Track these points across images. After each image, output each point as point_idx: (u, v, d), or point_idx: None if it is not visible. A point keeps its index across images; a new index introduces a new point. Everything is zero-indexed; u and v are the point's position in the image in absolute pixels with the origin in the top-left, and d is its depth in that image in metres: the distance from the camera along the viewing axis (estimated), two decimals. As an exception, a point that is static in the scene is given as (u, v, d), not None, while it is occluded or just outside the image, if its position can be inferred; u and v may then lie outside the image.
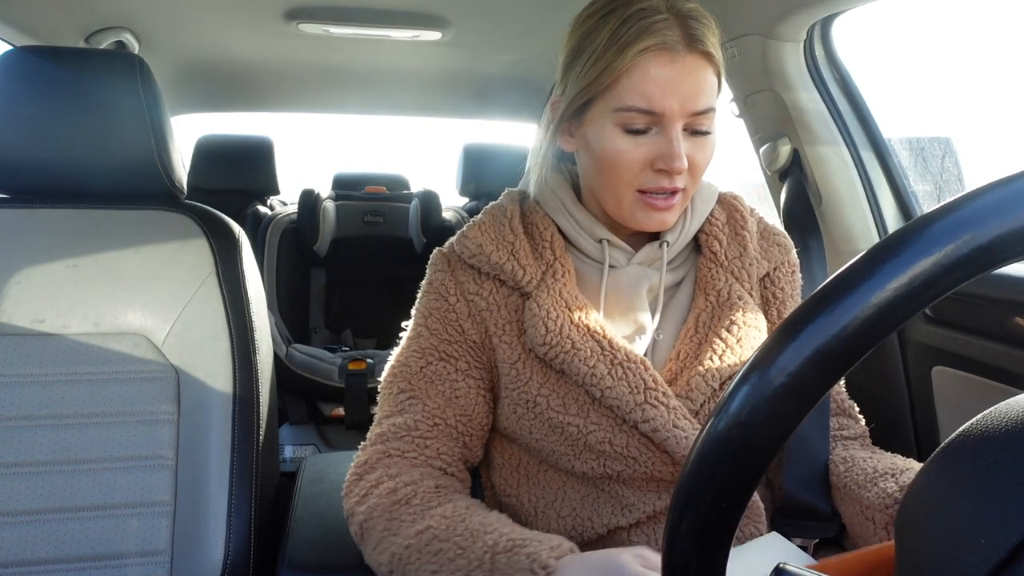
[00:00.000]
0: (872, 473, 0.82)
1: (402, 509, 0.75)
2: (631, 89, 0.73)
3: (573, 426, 0.79)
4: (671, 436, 0.76)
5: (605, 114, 0.75)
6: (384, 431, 0.83)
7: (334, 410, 2.24)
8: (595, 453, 0.79)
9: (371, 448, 0.83)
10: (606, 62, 0.73)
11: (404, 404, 0.84)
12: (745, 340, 0.81)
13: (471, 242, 0.84)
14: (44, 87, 1.04)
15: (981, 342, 1.08)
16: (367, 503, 0.78)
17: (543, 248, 0.84)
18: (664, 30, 0.72)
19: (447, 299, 0.85)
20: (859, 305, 0.30)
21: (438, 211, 2.59)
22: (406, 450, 0.81)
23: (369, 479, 0.80)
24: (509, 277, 0.82)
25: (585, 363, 0.77)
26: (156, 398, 1.02)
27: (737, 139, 1.53)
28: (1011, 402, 0.33)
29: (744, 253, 0.86)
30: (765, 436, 0.32)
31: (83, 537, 0.97)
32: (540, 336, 0.78)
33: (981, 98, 1.71)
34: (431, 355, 0.84)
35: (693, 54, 0.73)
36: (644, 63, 0.72)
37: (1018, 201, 0.29)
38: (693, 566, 0.34)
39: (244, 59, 1.93)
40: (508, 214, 0.86)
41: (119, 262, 1.07)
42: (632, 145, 0.75)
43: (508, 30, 1.67)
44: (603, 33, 0.74)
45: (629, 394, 0.77)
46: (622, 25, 0.73)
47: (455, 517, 0.73)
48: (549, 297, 0.80)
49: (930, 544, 0.32)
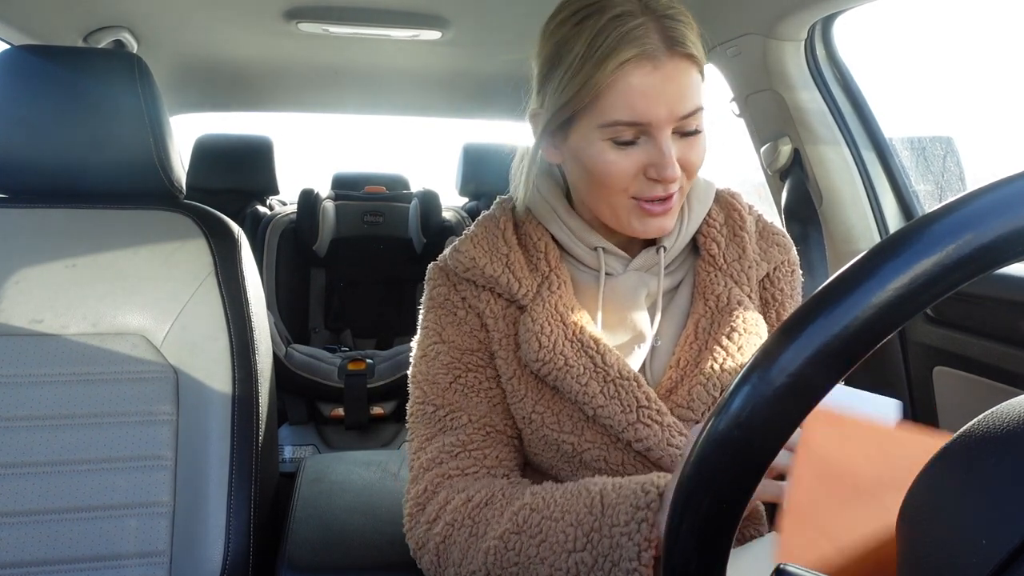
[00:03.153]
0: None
1: (484, 511, 0.73)
2: (614, 103, 0.70)
3: (568, 444, 0.78)
4: (665, 455, 0.75)
5: (590, 129, 0.73)
6: (434, 456, 0.79)
7: (333, 410, 2.24)
8: (591, 470, 0.78)
9: (426, 475, 0.79)
10: (584, 76, 0.70)
11: (444, 421, 0.81)
12: (746, 347, 0.80)
13: (464, 256, 0.82)
14: (42, 86, 1.04)
15: (982, 342, 1.08)
16: (440, 523, 0.75)
17: (538, 259, 0.82)
18: (642, 37, 0.69)
19: (455, 313, 0.83)
20: (860, 305, 0.30)
21: (438, 211, 2.59)
22: (466, 467, 0.78)
23: (435, 503, 0.77)
24: (505, 290, 0.81)
25: (577, 380, 0.76)
26: (155, 398, 1.02)
27: (737, 139, 1.53)
28: (1013, 402, 0.33)
29: (743, 255, 0.84)
30: (765, 436, 0.32)
31: (82, 538, 0.97)
32: (534, 352, 0.77)
33: (983, 97, 1.71)
34: (457, 368, 0.82)
35: (675, 58, 0.70)
36: (625, 75, 0.69)
37: (1020, 201, 0.29)
38: (693, 566, 0.34)
39: (243, 59, 1.93)
40: (501, 225, 0.84)
41: (118, 262, 1.07)
42: (622, 157, 0.72)
43: (508, 30, 1.67)
44: (578, 44, 0.71)
45: (621, 413, 0.75)
46: (597, 36, 0.69)
47: (549, 489, 0.71)
48: (544, 311, 0.78)
49: (932, 544, 0.32)
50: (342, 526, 1.04)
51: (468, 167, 2.69)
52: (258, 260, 1.69)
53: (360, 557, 0.98)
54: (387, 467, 1.23)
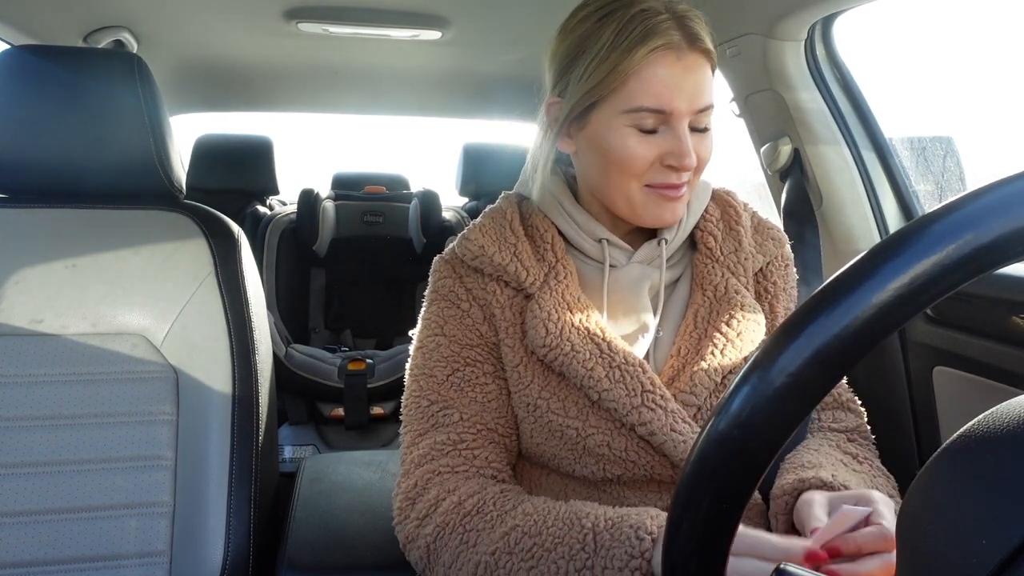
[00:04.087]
0: (790, 465, 0.81)
1: (475, 520, 0.74)
2: (640, 90, 0.74)
3: (572, 429, 0.79)
4: (668, 439, 0.76)
5: (613, 115, 0.76)
6: (426, 451, 0.81)
7: (333, 410, 2.24)
8: (594, 457, 0.79)
9: (417, 470, 0.80)
10: (612, 64, 0.74)
11: (438, 417, 0.82)
12: (745, 334, 0.82)
13: (473, 244, 0.84)
14: (42, 86, 1.04)
15: (982, 342, 1.08)
16: (431, 523, 0.76)
17: (545, 250, 0.84)
18: (668, 30, 0.73)
19: (459, 305, 0.84)
20: (860, 305, 0.30)
21: (438, 211, 2.59)
22: (456, 465, 0.80)
23: (426, 500, 0.78)
24: (512, 278, 0.82)
25: (583, 365, 0.77)
26: (155, 398, 1.02)
27: (737, 139, 1.53)
28: (1012, 402, 0.33)
29: (739, 248, 0.87)
30: (765, 436, 0.32)
31: (81, 538, 0.97)
32: (540, 338, 0.79)
33: (983, 97, 1.71)
34: (456, 362, 0.83)
35: (695, 52, 0.75)
36: (652, 63, 0.73)
37: (1019, 201, 0.29)
38: (693, 566, 0.34)
39: (243, 59, 1.93)
40: (508, 216, 0.86)
41: (118, 262, 1.07)
42: (642, 144, 0.76)
43: (508, 30, 1.67)
44: (605, 35, 0.74)
45: (626, 396, 0.77)
46: (626, 26, 0.74)
47: (541, 512, 0.72)
48: (551, 299, 0.80)
49: (931, 544, 0.32)
50: (342, 526, 1.04)
51: (468, 167, 2.69)
52: (258, 260, 1.70)
53: (360, 557, 0.98)
54: (387, 467, 1.23)
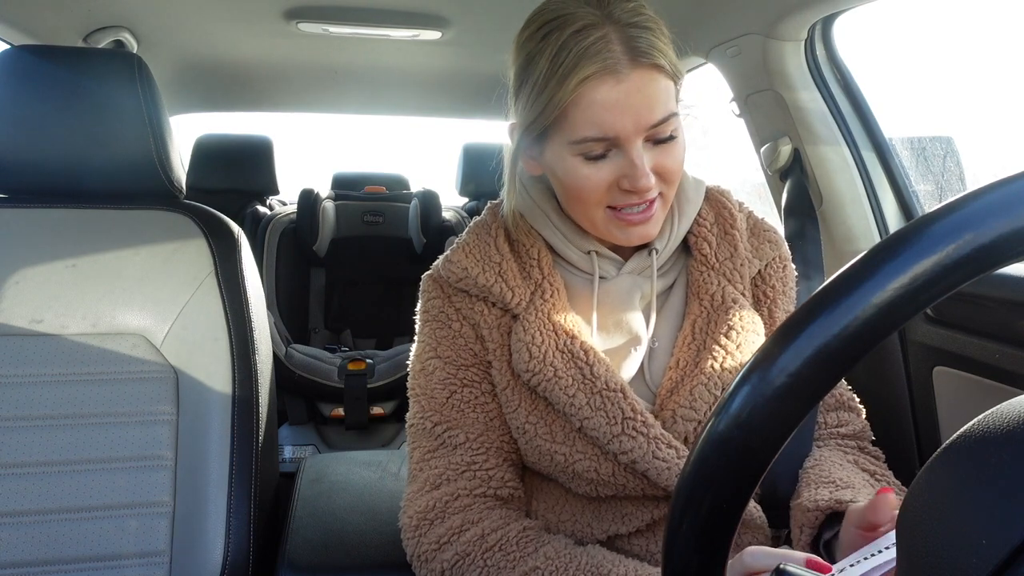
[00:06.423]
0: (820, 478, 0.80)
1: (496, 556, 0.75)
2: (580, 120, 0.70)
3: (560, 455, 0.78)
4: (651, 467, 0.75)
5: (561, 146, 0.73)
6: (441, 472, 0.81)
7: (333, 410, 2.25)
8: (584, 480, 0.79)
9: (435, 491, 0.80)
10: (549, 95, 0.70)
11: (444, 437, 0.82)
12: (745, 345, 0.80)
13: (456, 266, 0.82)
14: (42, 86, 1.04)
15: (982, 342, 1.08)
16: (451, 550, 0.77)
17: (531, 267, 0.82)
18: (603, 51, 0.68)
19: (450, 326, 0.83)
20: (860, 305, 0.30)
21: (438, 211, 2.59)
22: (473, 487, 0.80)
23: (447, 525, 0.78)
24: (498, 299, 0.81)
25: (565, 392, 0.76)
26: (155, 398, 1.02)
27: (737, 139, 1.53)
28: (1012, 403, 0.33)
29: (735, 254, 0.84)
30: (765, 437, 0.32)
31: (81, 538, 0.97)
32: (524, 362, 0.77)
33: (983, 97, 1.71)
34: (453, 384, 0.82)
35: (639, 69, 0.69)
36: (588, 92, 0.69)
37: (1019, 201, 0.29)
38: (693, 566, 0.34)
39: (243, 59, 1.93)
40: (492, 232, 0.83)
41: (118, 262, 1.07)
42: (594, 171, 0.72)
43: (508, 30, 1.66)
44: (542, 61, 0.70)
45: (607, 424, 0.75)
46: (559, 52, 0.69)
47: (563, 557, 0.73)
48: (536, 320, 0.78)
49: (932, 544, 0.32)
50: (342, 526, 1.04)
51: (468, 167, 2.69)
52: (258, 260, 1.70)
53: (360, 557, 0.98)
54: (387, 467, 1.23)
